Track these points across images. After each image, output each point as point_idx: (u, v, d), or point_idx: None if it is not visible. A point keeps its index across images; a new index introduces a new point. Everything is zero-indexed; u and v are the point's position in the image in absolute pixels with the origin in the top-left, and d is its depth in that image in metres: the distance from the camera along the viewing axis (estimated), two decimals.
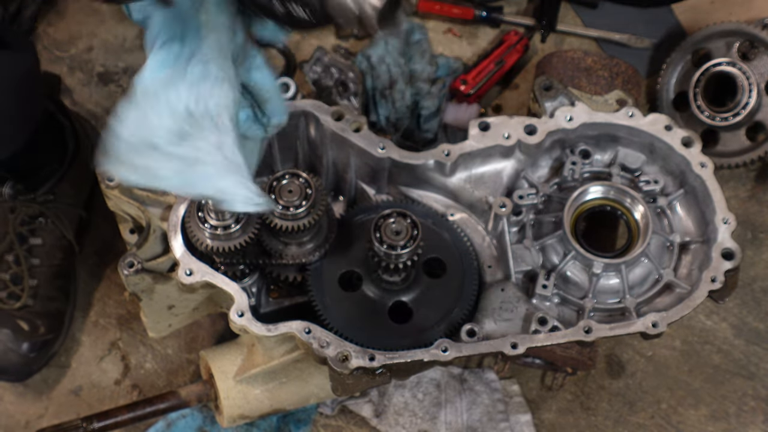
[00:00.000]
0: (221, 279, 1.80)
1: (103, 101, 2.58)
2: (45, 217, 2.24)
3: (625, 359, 2.33)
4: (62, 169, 2.25)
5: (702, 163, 1.95)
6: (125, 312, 2.36)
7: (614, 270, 1.93)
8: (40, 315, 2.23)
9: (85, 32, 2.66)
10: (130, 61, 2.61)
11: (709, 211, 1.93)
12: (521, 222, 2.01)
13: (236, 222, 1.75)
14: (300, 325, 1.78)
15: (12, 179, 2.21)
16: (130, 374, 2.31)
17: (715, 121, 2.41)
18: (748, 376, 2.31)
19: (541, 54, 2.63)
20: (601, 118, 2.00)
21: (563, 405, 2.29)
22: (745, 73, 2.37)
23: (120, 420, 2.03)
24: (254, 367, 1.99)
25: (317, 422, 2.25)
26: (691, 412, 2.28)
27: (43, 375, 2.29)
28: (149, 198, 1.87)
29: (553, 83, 2.03)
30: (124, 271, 1.80)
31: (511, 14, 2.68)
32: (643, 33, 2.65)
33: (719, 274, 1.87)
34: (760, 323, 2.36)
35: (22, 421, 2.27)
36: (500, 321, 1.88)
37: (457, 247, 1.95)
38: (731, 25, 2.43)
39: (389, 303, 1.90)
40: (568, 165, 2.01)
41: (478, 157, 2.00)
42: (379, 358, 1.77)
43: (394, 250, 1.79)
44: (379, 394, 2.25)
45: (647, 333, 1.83)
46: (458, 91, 2.50)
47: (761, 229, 2.45)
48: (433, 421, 2.23)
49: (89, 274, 2.39)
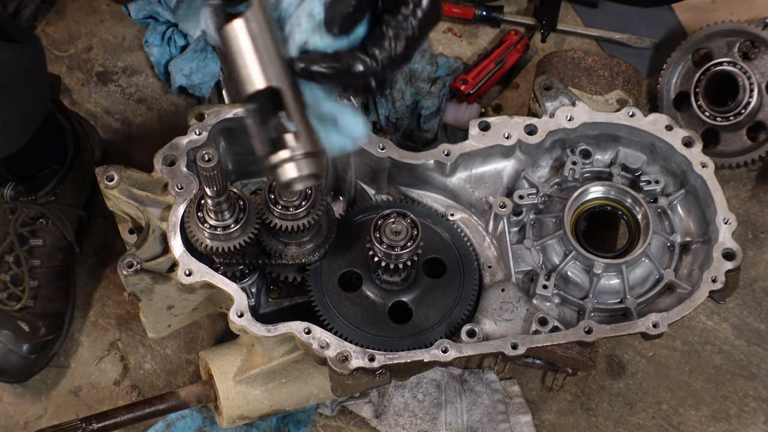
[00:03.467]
0: (220, 279, 1.79)
1: (103, 101, 2.58)
2: (46, 219, 2.24)
3: (626, 360, 2.32)
4: (63, 169, 2.25)
5: (703, 163, 1.95)
6: (124, 312, 2.36)
7: (615, 270, 1.93)
8: (41, 316, 2.23)
9: (84, 32, 2.65)
10: (129, 60, 2.61)
11: (710, 211, 1.93)
12: (521, 222, 2.00)
13: (236, 222, 1.75)
14: (300, 326, 1.78)
15: (13, 180, 2.21)
16: (129, 375, 2.31)
17: (716, 121, 2.41)
18: (749, 376, 2.30)
19: (541, 53, 2.63)
20: (601, 118, 1.99)
21: (564, 405, 2.29)
22: (746, 73, 2.36)
23: (119, 421, 2.03)
24: (254, 368, 1.98)
25: (317, 423, 2.25)
26: (692, 412, 2.28)
27: (43, 375, 2.29)
28: (148, 198, 1.87)
29: (554, 83, 2.02)
30: (124, 272, 1.80)
31: (512, 14, 2.68)
32: (644, 32, 2.65)
33: (720, 275, 1.86)
34: (761, 324, 2.35)
35: (21, 422, 2.26)
36: (500, 321, 1.87)
37: (457, 247, 1.95)
38: (732, 24, 2.42)
39: (389, 303, 1.89)
40: (569, 165, 2.00)
41: (479, 157, 1.99)
42: (379, 359, 1.77)
43: (394, 250, 1.78)
44: (379, 394, 2.25)
45: (648, 333, 1.82)
46: (458, 90, 2.49)
47: (762, 229, 2.45)
48: (433, 422, 2.22)
49: (88, 274, 2.39)
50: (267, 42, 1.25)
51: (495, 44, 2.60)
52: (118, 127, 2.55)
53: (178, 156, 1.86)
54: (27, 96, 1.93)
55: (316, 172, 1.26)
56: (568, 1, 2.70)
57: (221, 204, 1.72)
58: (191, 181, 1.84)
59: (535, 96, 2.03)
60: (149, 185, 1.88)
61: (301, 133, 1.25)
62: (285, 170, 1.25)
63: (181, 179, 1.84)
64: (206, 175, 1.63)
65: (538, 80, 2.04)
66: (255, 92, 1.25)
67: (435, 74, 2.52)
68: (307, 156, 1.25)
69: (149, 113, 2.57)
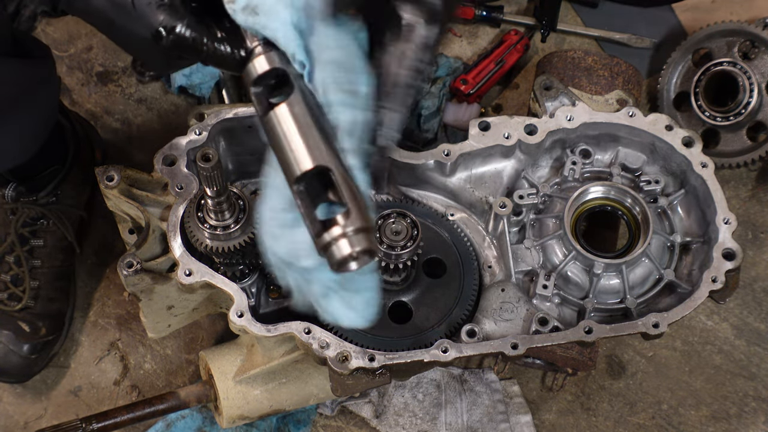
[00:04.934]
0: (220, 279, 1.79)
1: (103, 101, 2.58)
2: (46, 219, 2.24)
3: (626, 360, 2.32)
4: (64, 170, 2.25)
5: (703, 163, 1.95)
6: (124, 312, 2.36)
7: (615, 270, 1.93)
8: (41, 316, 2.23)
9: (84, 32, 2.65)
10: (129, 60, 2.61)
11: (710, 211, 1.93)
12: (521, 222, 2.00)
13: (236, 222, 1.75)
14: (300, 326, 1.78)
15: (14, 181, 2.21)
16: (129, 375, 2.31)
17: (716, 121, 2.41)
18: (749, 376, 2.30)
19: (541, 53, 2.63)
20: (601, 118, 2.00)
21: (564, 405, 2.29)
22: (746, 73, 2.36)
23: (119, 420, 2.03)
24: (254, 368, 1.98)
25: (317, 423, 2.25)
26: (692, 412, 2.28)
27: (43, 375, 2.29)
28: (148, 198, 1.87)
29: (554, 83, 2.02)
30: (124, 272, 1.80)
31: (512, 14, 2.68)
32: (644, 32, 2.65)
33: (720, 275, 1.86)
34: (761, 324, 2.35)
35: (21, 422, 2.26)
36: (500, 321, 1.87)
37: (457, 247, 1.95)
38: (732, 24, 2.42)
39: (389, 303, 1.89)
40: (569, 165, 2.00)
41: (479, 157, 1.99)
42: (379, 359, 1.77)
43: (394, 250, 1.78)
44: (379, 394, 2.25)
45: (648, 333, 1.82)
46: (458, 90, 2.49)
47: (762, 229, 2.45)
48: (433, 422, 2.22)
49: (88, 274, 2.39)
50: (312, 124, 1.25)
51: (495, 44, 2.60)
52: (118, 127, 2.55)
53: (178, 156, 1.86)
54: (39, 108, 1.95)
55: (371, 247, 1.24)
56: (568, 1, 2.70)
57: (221, 204, 1.72)
58: (191, 181, 1.84)
59: (535, 96, 2.04)
60: (149, 185, 1.88)
61: (352, 208, 1.23)
62: (339, 247, 1.23)
63: (181, 179, 1.84)
64: (206, 175, 1.63)
65: (538, 80, 2.04)
66: (304, 172, 1.24)
67: (435, 74, 2.52)
68: (360, 231, 1.23)
69: (149, 113, 2.57)
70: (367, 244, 1.23)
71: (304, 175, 1.24)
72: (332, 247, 1.23)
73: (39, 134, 2.02)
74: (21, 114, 1.89)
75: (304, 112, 1.26)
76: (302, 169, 1.24)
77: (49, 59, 2.01)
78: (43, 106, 1.98)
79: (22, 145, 1.99)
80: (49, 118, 2.06)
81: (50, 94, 2.05)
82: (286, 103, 1.26)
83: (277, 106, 1.26)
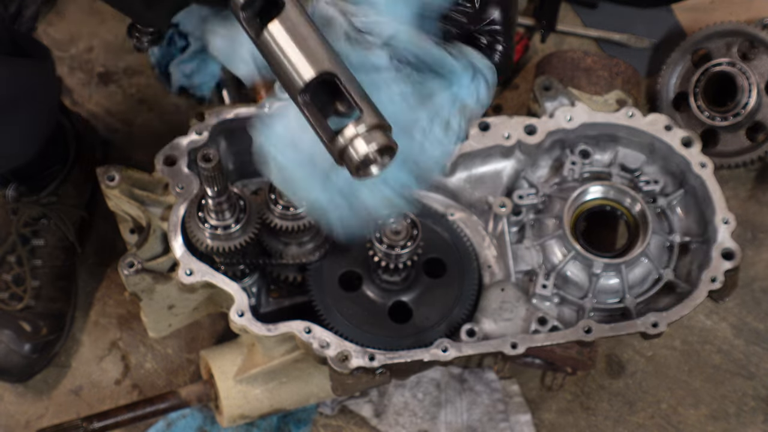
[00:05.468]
0: (221, 279, 1.80)
1: (104, 101, 2.58)
2: (47, 219, 2.24)
3: (625, 359, 2.33)
4: (65, 170, 2.25)
5: (702, 163, 1.95)
6: (125, 312, 2.36)
7: (614, 270, 1.93)
8: (42, 316, 2.23)
9: (85, 32, 2.66)
10: (130, 61, 2.61)
11: (709, 211, 1.93)
12: (521, 222, 2.01)
13: (236, 222, 1.76)
14: (300, 325, 1.79)
15: (15, 181, 2.22)
16: (130, 374, 2.31)
17: (715, 121, 2.41)
18: (748, 376, 2.31)
19: (541, 54, 2.63)
20: (600, 118, 2.00)
21: (563, 405, 2.29)
22: (745, 73, 2.37)
23: (120, 420, 2.03)
24: (254, 367, 1.99)
25: (317, 422, 2.25)
26: (691, 411, 2.28)
27: (44, 375, 2.29)
28: (149, 198, 1.87)
29: (553, 83, 2.03)
30: (124, 271, 1.80)
31: None
32: (643, 33, 2.65)
33: (719, 274, 1.87)
34: (760, 323, 2.36)
35: (23, 421, 2.27)
36: (500, 321, 1.88)
37: (457, 247, 1.95)
38: (731, 25, 2.43)
39: (389, 303, 1.90)
40: (568, 165, 2.01)
41: (478, 157, 2.00)
42: (379, 358, 1.77)
43: (394, 250, 1.79)
44: (379, 393, 2.25)
45: (647, 333, 1.83)
46: None
47: (761, 229, 2.45)
48: (433, 421, 2.23)
49: (89, 274, 2.39)
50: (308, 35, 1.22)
51: None
52: (119, 127, 2.56)
53: (179, 156, 1.87)
54: (38, 108, 1.96)
55: (389, 143, 1.19)
56: (567, 2, 2.71)
57: (222, 204, 1.72)
58: (192, 181, 1.84)
59: (534, 96, 2.04)
60: (150, 185, 1.89)
61: (364, 108, 1.19)
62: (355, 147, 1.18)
63: (181, 179, 1.85)
64: (207, 176, 1.63)
65: (537, 80, 2.04)
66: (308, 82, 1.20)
67: None
68: (375, 128, 1.19)
69: (150, 113, 2.58)
70: (385, 140, 1.19)
71: (307, 85, 1.20)
72: (348, 150, 1.19)
73: (39, 134, 2.03)
74: (21, 114, 1.89)
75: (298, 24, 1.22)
76: (305, 78, 1.20)
77: (48, 60, 2.02)
78: (43, 107, 1.99)
79: (23, 145, 1.99)
80: (49, 119, 2.07)
81: (50, 95, 2.06)
82: (277, 19, 1.22)
83: (270, 23, 1.22)
